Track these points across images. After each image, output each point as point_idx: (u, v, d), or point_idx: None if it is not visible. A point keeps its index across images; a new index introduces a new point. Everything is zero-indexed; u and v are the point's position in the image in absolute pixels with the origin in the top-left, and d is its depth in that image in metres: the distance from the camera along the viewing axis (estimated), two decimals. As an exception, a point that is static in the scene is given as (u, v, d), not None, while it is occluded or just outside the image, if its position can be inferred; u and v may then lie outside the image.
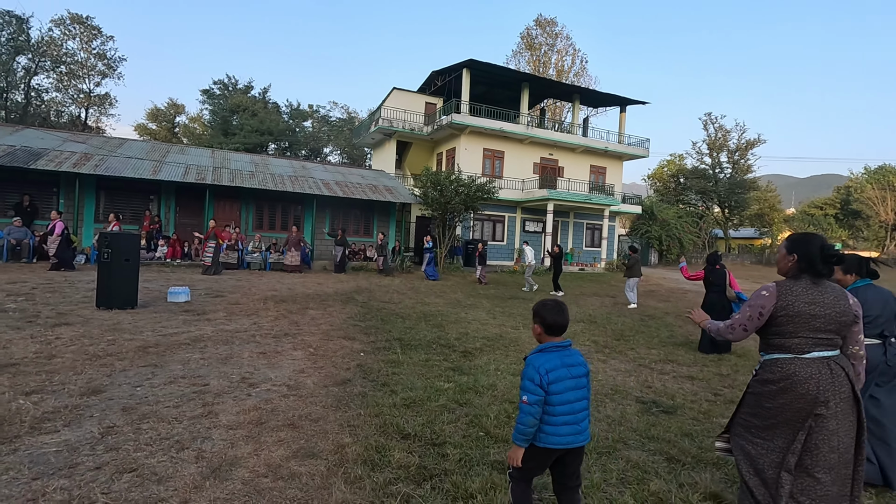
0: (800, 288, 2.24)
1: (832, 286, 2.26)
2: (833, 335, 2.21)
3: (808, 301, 2.19)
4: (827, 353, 2.19)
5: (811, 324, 2.18)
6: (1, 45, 31.17)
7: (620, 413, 4.14)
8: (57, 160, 13.82)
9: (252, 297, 9.24)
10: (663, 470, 3.07)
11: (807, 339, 2.19)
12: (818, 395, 2.13)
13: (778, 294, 2.24)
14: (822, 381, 2.14)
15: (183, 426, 3.30)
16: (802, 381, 2.15)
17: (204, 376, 4.41)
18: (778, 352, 2.26)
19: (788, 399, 2.18)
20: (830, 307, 2.19)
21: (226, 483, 2.61)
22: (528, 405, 2.00)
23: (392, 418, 3.59)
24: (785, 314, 2.21)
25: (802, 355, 2.19)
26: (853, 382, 2.20)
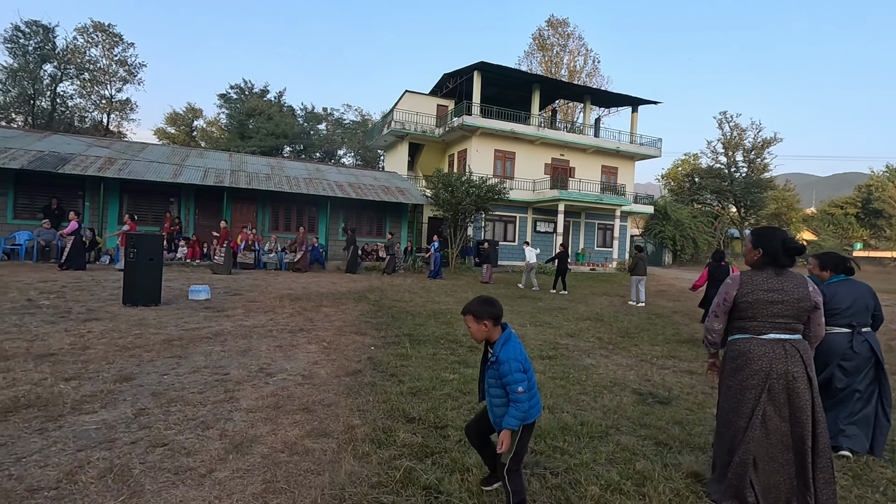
0: (761, 277, 2.47)
1: (794, 275, 2.48)
2: (791, 320, 2.42)
3: (768, 289, 2.42)
4: (784, 336, 2.41)
5: (769, 309, 2.40)
6: (29, 54, 32.28)
7: (616, 403, 4.34)
8: (83, 165, 14.41)
9: (268, 296, 9.60)
10: (651, 452, 3.27)
11: (765, 323, 2.41)
12: (770, 371, 2.35)
13: (740, 283, 2.48)
14: (775, 359, 2.37)
15: (207, 409, 3.60)
16: (756, 358, 2.39)
17: (225, 366, 4.72)
18: (739, 333, 2.51)
19: (744, 375, 2.41)
20: (790, 294, 2.41)
21: (247, 457, 2.89)
22: (524, 393, 2.21)
23: (399, 404, 3.85)
24: (745, 300, 2.45)
25: (760, 336, 2.42)
26: (807, 364, 2.40)
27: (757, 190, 42.60)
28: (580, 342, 7.13)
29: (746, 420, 2.44)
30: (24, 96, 33.28)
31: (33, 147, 14.92)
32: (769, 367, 2.35)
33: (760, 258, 2.53)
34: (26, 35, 32.39)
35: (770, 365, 2.35)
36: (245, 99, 45.31)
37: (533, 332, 7.71)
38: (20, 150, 14.42)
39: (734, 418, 2.50)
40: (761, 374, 2.36)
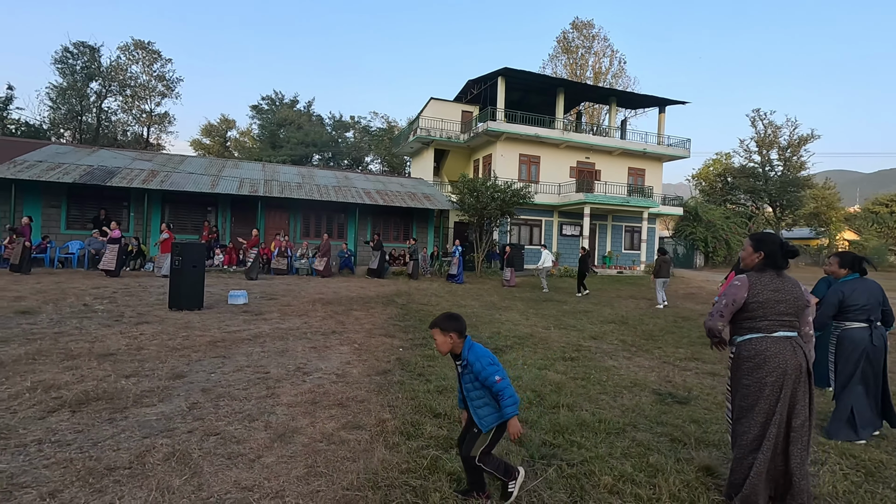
0: (766, 279, 2.64)
1: (789, 277, 2.66)
2: (792, 318, 2.60)
3: (774, 289, 2.59)
4: (789, 333, 2.58)
5: (776, 308, 2.58)
6: (76, 73, 34.24)
7: (635, 402, 4.49)
8: (128, 177, 15.31)
9: (302, 300, 10.05)
10: (665, 448, 3.43)
11: (774, 322, 2.59)
12: (786, 368, 2.51)
13: (749, 285, 2.64)
14: (787, 356, 2.53)
15: (252, 404, 3.95)
16: (773, 355, 2.55)
17: (265, 366, 5.09)
18: (750, 333, 2.66)
19: (763, 373, 2.56)
20: (790, 293, 2.59)
21: (289, 445, 3.21)
22: (503, 380, 2.43)
23: (426, 401, 4.12)
24: (755, 301, 2.61)
25: (771, 334, 2.58)
26: (808, 359, 2.57)
27: (793, 189, 41.23)
28: (603, 344, 7.25)
29: (765, 416, 2.58)
30: (72, 113, 35.28)
31: (83, 162, 15.95)
32: (785, 363, 2.52)
33: (762, 261, 2.70)
34: (74, 55, 34.40)
35: (785, 361, 2.52)
36: (276, 109, 46.74)
37: (557, 334, 7.86)
38: (72, 164, 15.44)
39: (752, 415, 2.61)
40: (779, 371, 2.52)
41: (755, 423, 2.62)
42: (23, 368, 4.54)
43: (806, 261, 40.05)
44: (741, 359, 2.71)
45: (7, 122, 30.53)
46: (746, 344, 2.68)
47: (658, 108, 26.24)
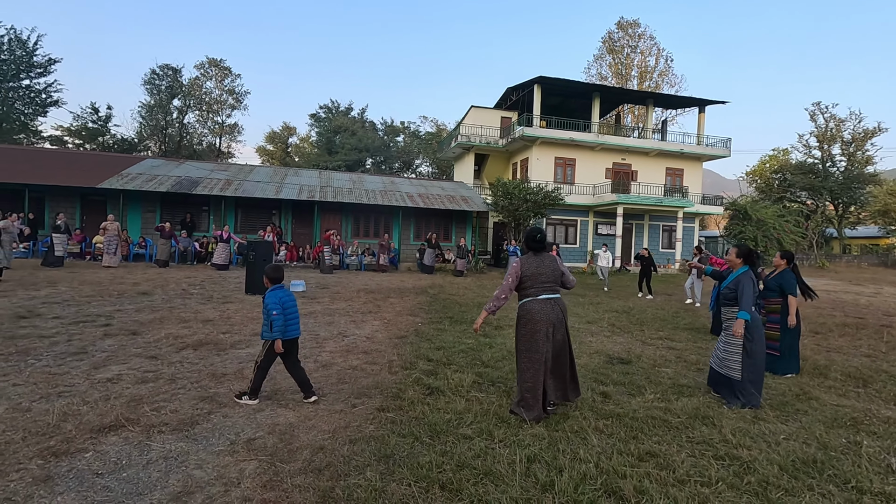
0: (529, 259, 3.89)
1: (549, 256, 3.92)
2: (553, 284, 3.85)
3: (535, 265, 3.85)
4: (551, 296, 3.84)
5: (539, 279, 3.83)
6: (161, 93, 38.70)
7: (586, 362, 5.90)
8: (209, 186, 18.04)
9: (349, 289, 11.99)
10: (587, 385, 4.89)
11: (538, 289, 3.84)
12: (549, 319, 3.77)
13: (521, 265, 3.89)
14: (546, 311, 3.78)
15: (307, 350, 5.76)
16: (536, 311, 3.79)
17: (316, 331, 6.94)
18: (524, 298, 3.89)
19: (533, 324, 3.77)
20: (548, 268, 3.85)
21: (328, 369, 4.96)
22: (278, 316, 3.88)
23: (424, 352, 5.78)
24: (524, 275, 3.85)
25: (537, 297, 3.84)
26: (563, 312, 3.88)
27: (858, 185, 39.26)
28: (593, 327, 8.57)
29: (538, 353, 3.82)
30: (157, 127, 39.90)
31: (173, 173, 18.89)
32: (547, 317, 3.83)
33: (525, 247, 4.06)
34: (160, 77, 38.89)
35: (547, 315, 3.81)
36: (332, 117, 50.00)
37: (558, 319, 9.25)
38: (164, 176, 18.39)
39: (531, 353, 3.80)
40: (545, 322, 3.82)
41: (533, 359, 3.79)
42: (155, 327, 6.63)
43: (871, 261, 37.98)
44: (520, 315, 3.86)
45: (107, 136, 35.20)
46: (524, 305, 3.86)
47: (698, 108, 26.39)
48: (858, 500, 2.74)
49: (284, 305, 3.96)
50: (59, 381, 4.24)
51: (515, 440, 3.34)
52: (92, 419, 3.41)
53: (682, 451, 3.32)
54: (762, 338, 4.56)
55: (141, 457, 2.93)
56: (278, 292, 4.03)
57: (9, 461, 2.77)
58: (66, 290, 9.49)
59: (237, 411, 3.75)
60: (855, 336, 8.48)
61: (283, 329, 3.90)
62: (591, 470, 2.92)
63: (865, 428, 3.95)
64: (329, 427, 3.49)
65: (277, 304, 3.91)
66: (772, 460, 3.19)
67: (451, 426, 3.56)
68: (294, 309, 4.09)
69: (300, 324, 4.19)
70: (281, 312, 3.89)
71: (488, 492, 2.63)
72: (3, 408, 3.56)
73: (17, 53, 29.16)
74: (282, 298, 3.99)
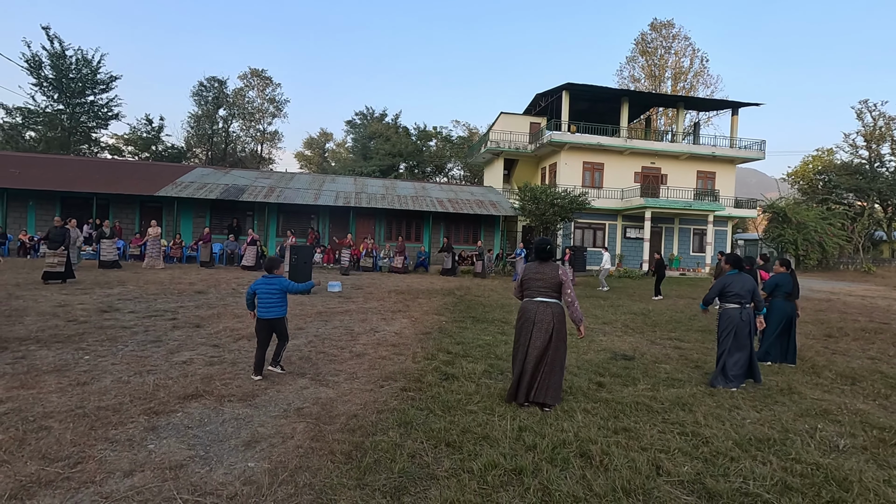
0: (533, 265, 4.47)
1: (551, 265, 4.44)
2: (549, 290, 4.36)
3: (535, 272, 4.43)
4: (546, 300, 4.36)
5: (536, 284, 4.40)
6: (209, 104, 41.10)
7: (591, 358, 6.50)
8: (254, 193, 19.41)
9: (381, 290, 12.89)
10: (585, 377, 5.51)
11: (534, 291, 4.41)
12: (534, 319, 4.32)
13: (525, 270, 4.49)
14: (537, 312, 4.33)
15: (342, 342, 6.62)
16: (528, 310, 4.38)
17: (351, 327, 7.80)
18: (523, 298, 4.50)
19: (522, 321, 4.39)
20: (548, 275, 4.39)
21: (361, 359, 5.78)
22: (248, 294, 4.88)
23: (445, 346, 6.53)
24: (525, 278, 4.45)
25: (533, 298, 4.41)
26: (554, 316, 4.33)
27: (909, 186, 37.50)
28: (608, 327, 9.10)
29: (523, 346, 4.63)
30: (204, 136, 42.36)
31: (221, 181, 20.40)
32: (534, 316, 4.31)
33: (530, 254, 4.71)
34: (207, 88, 41.31)
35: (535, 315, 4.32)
36: (367, 123, 51.55)
37: (575, 320, 9.81)
38: (213, 184, 19.89)
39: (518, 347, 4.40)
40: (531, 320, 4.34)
41: (518, 350, 4.40)
42: (214, 321, 7.65)
43: (924, 266, 36.14)
44: (519, 312, 4.49)
45: (160, 145, 37.75)
46: (521, 304, 4.47)
47: (731, 110, 26.10)
48: (791, 466, 3.30)
49: (258, 292, 4.88)
50: (146, 362, 5.22)
51: (512, 415, 4.04)
52: (177, 390, 4.33)
53: (654, 428, 3.93)
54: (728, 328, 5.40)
55: (218, 417, 3.80)
56: (260, 280, 4.94)
57: (124, 416, 3.70)
58: (134, 288, 10.75)
59: (288, 388, 4.61)
60: (869, 340, 8.68)
61: (250, 302, 4.99)
62: (570, 438, 3.59)
63: (832, 418, 4.43)
64: (361, 401, 4.28)
65: (251, 288, 4.92)
66: (729, 437, 3.77)
67: (460, 404, 4.29)
68: (267, 297, 4.88)
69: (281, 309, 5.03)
70: (251, 295, 4.92)
71: (483, 449, 3.35)
72: (109, 380, 4.54)
73: (83, 72, 31.81)
74: (257, 287, 4.90)
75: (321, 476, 2.90)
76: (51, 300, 8.66)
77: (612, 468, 3.13)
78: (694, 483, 3.02)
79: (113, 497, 2.60)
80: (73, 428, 3.42)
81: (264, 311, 4.90)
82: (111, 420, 3.60)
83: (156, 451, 3.17)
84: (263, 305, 4.90)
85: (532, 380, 4.31)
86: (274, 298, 4.92)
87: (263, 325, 4.91)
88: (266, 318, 4.93)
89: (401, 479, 2.91)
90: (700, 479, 3.05)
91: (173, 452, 3.15)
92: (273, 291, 4.91)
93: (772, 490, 2.96)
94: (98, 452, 3.09)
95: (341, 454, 3.18)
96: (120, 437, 3.32)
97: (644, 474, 3.07)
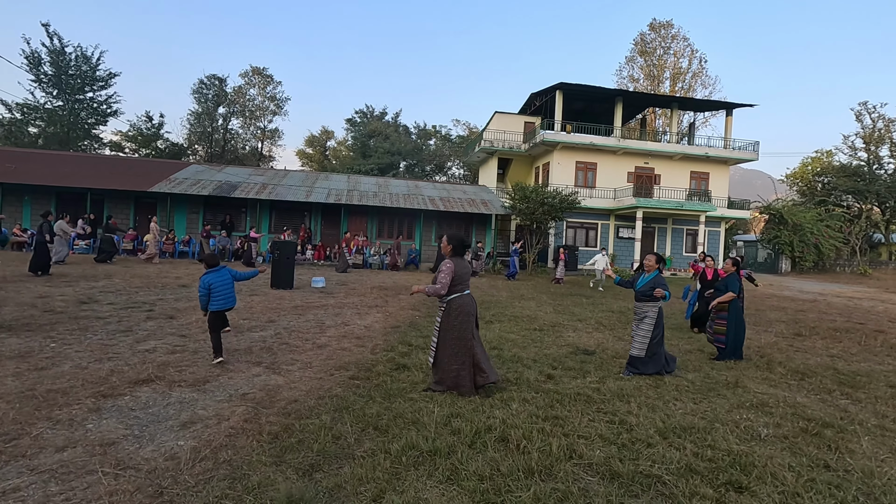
0: (458, 261, 4.58)
1: (465, 259, 4.68)
2: (468, 281, 4.61)
3: (464, 267, 4.59)
4: (469, 291, 4.60)
5: (464, 279, 4.57)
6: (209, 101, 41.36)
7: (555, 352, 6.63)
8: (246, 190, 19.60)
9: (365, 286, 13.04)
10: (537, 369, 5.65)
11: (464, 285, 4.56)
12: (471, 310, 4.54)
13: (455, 266, 4.55)
14: (472, 304, 4.56)
15: (309, 334, 6.77)
16: (467, 304, 4.53)
17: (323, 321, 7.95)
18: (453, 294, 4.54)
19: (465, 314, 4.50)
20: (468, 269, 4.61)
21: (322, 350, 5.94)
22: (202, 296, 4.98)
23: (408, 339, 6.67)
24: (456, 274, 4.54)
25: (463, 293, 4.57)
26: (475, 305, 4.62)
27: (907, 188, 37.32)
28: (580, 324, 9.22)
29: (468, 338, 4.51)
30: (204, 133, 42.62)
31: (215, 178, 20.61)
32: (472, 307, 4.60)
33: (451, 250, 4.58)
34: (207, 86, 41.57)
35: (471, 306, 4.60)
36: (367, 122, 51.72)
37: (550, 317, 9.93)
38: (207, 180, 20.10)
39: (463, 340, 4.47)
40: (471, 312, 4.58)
41: (466, 344, 4.48)
42: (188, 313, 7.81)
43: (922, 269, 36.00)
44: (452, 308, 4.48)
45: (160, 142, 38.03)
46: (456, 299, 4.53)
47: (725, 111, 26.12)
48: (702, 452, 3.43)
49: (212, 287, 5.03)
50: (110, 350, 5.39)
51: (450, 402, 4.19)
52: (131, 375, 4.49)
53: (584, 416, 4.07)
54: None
55: (163, 400, 3.96)
56: (209, 276, 5.08)
57: (72, 398, 3.86)
58: (120, 281, 10.95)
59: (240, 375, 4.76)
60: (837, 339, 8.76)
61: (205, 304, 5.05)
62: (496, 424, 3.73)
63: (767, 410, 4.55)
64: (306, 388, 4.44)
65: (205, 287, 5.02)
66: (654, 425, 3.90)
67: (403, 392, 4.44)
68: (224, 288, 5.12)
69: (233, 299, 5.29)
70: (206, 294, 5.03)
71: (409, 433, 3.49)
72: (68, 366, 4.71)
73: (82, 68, 32.12)
74: (211, 282, 5.02)
75: (242, 454, 3.05)
76: (33, 292, 8.86)
77: (527, 452, 3.27)
78: (601, 465, 3.15)
79: (38, 469, 2.76)
80: (19, 408, 3.58)
81: (223, 302, 5.08)
82: (58, 402, 3.76)
83: (93, 430, 3.33)
84: (222, 297, 5.08)
85: (490, 366, 4.61)
86: (229, 289, 5.11)
87: (220, 316, 5.09)
88: (224, 308, 5.10)
89: (318, 457, 3.06)
90: (608, 463, 3.19)
91: (109, 431, 3.31)
92: (227, 283, 5.09)
93: (674, 472, 3.09)
94: (36, 430, 3.25)
95: (268, 434, 3.33)
96: (62, 417, 3.49)
97: (555, 457, 3.21)
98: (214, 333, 5.09)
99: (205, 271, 5.13)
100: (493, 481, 2.87)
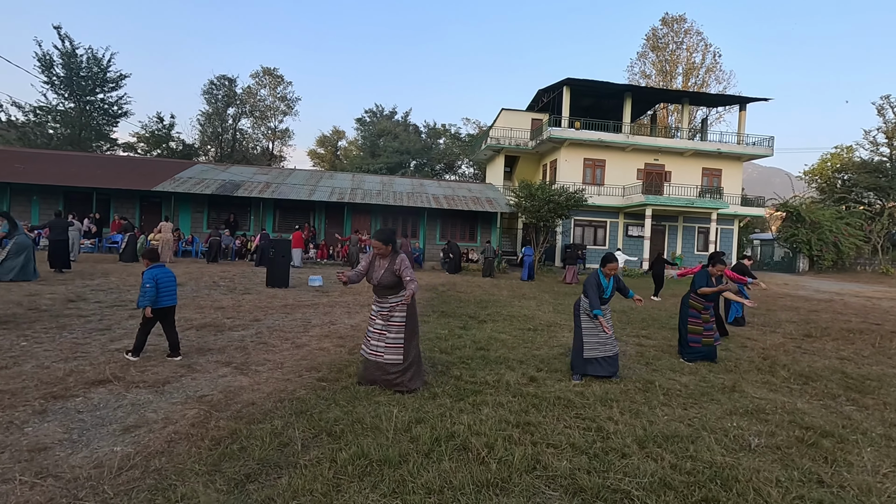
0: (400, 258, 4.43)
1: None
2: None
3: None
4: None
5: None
6: (218, 101, 41.67)
7: (545, 353, 6.35)
8: (250, 189, 19.59)
9: (363, 285, 12.81)
10: (529, 372, 5.38)
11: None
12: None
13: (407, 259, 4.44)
14: None
15: (292, 334, 6.59)
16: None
17: (310, 319, 7.77)
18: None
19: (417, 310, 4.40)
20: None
21: (299, 349, 5.74)
22: (150, 289, 4.74)
23: (392, 339, 6.43)
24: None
25: None
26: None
27: (932, 185, 36.04)
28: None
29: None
30: (214, 133, 42.97)
31: (219, 177, 20.64)
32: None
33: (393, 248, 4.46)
34: (217, 87, 41.89)
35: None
36: (376, 122, 51.68)
37: (550, 317, 9.62)
38: (212, 179, 20.14)
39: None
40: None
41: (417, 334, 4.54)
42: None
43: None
44: (413, 300, 4.53)
45: (171, 142, 38.42)
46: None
47: (738, 106, 25.42)
48: (681, 464, 3.13)
49: (159, 281, 4.86)
50: (80, 348, 5.26)
51: (416, 406, 3.94)
52: (90, 376, 4.33)
53: (560, 423, 3.79)
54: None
55: (116, 402, 3.79)
56: (155, 270, 4.91)
57: (20, 400, 3.70)
58: (115, 280, 10.92)
59: (205, 375, 4.58)
60: (849, 340, 8.32)
61: (153, 299, 4.80)
62: (462, 430, 3.47)
63: (762, 417, 4.22)
64: (269, 390, 4.23)
65: (151, 280, 4.82)
66: (633, 433, 3.61)
67: (370, 394, 4.21)
68: (169, 284, 4.97)
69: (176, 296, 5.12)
70: (154, 286, 4.81)
71: (365, 440, 3.26)
72: (30, 365, 4.57)
73: (93, 70, 32.55)
74: (157, 275, 4.88)
75: (176, 461, 2.85)
76: (24, 290, 8.84)
77: (485, 462, 3.01)
78: (565, 478, 2.88)
79: (-47, 476, 2.59)
80: (-40, 409, 3.43)
81: (169, 298, 4.99)
82: (3, 403, 3.61)
83: (30, 433, 3.16)
84: (168, 293, 4.98)
85: None
86: (174, 285, 5.07)
87: (165, 312, 5.00)
88: (170, 304, 5.01)
89: (257, 466, 2.84)
90: (573, 475, 2.91)
91: (46, 435, 3.14)
92: (172, 278, 5.04)
93: (645, 487, 2.81)
94: (-31, 433, 3.09)
95: (211, 440, 3.12)
96: (1, 420, 3.33)
97: (515, 468, 2.95)
98: (145, 330, 4.94)
99: (148, 266, 4.97)
100: (442, 495, 2.63)
